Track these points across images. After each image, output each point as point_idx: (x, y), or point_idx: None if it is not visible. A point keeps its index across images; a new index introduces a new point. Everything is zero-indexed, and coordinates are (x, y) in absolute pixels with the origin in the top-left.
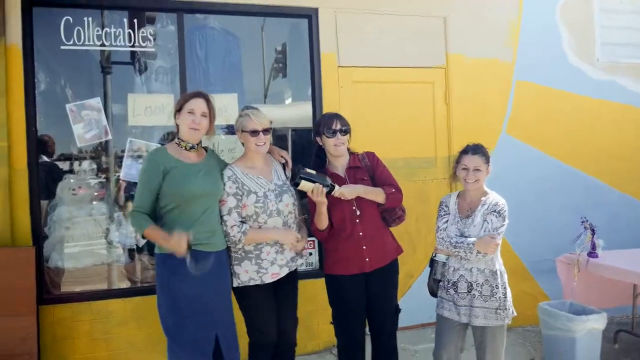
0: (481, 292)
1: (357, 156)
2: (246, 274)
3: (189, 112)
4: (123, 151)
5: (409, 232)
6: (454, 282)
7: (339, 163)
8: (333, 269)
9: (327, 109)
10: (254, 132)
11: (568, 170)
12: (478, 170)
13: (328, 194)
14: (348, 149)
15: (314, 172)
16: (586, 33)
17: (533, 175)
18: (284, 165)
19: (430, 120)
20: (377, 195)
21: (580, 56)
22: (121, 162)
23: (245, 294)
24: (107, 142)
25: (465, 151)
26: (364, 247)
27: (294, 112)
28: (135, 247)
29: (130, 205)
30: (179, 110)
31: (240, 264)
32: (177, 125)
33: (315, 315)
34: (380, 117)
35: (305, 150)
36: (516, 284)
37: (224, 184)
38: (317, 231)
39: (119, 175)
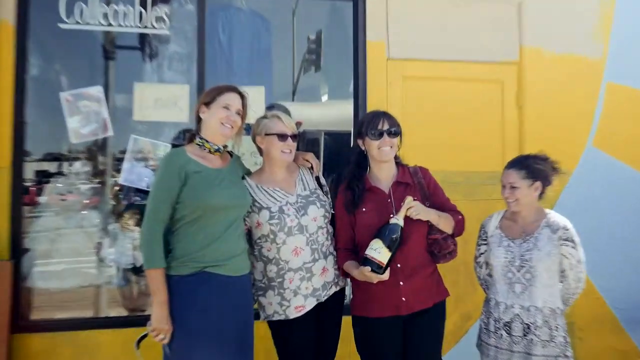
0: (539, 337)
1: (407, 169)
2: (270, 307)
3: (224, 107)
4: (123, 151)
5: (467, 263)
6: (507, 322)
7: (383, 174)
8: (361, 309)
9: (372, 109)
10: (283, 137)
11: None
12: (514, 187)
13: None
14: (396, 158)
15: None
16: None
17: (627, 200)
18: (311, 170)
19: (498, 127)
20: (448, 223)
21: None
22: (120, 164)
23: (273, 329)
24: (105, 139)
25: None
26: (401, 283)
27: (330, 112)
28: (132, 266)
29: (129, 217)
30: (208, 103)
31: (265, 294)
32: (199, 122)
33: None
34: (435, 121)
35: (341, 157)
36: (602, 337)
37: None
38: (340, 269)
39: (116, 180)
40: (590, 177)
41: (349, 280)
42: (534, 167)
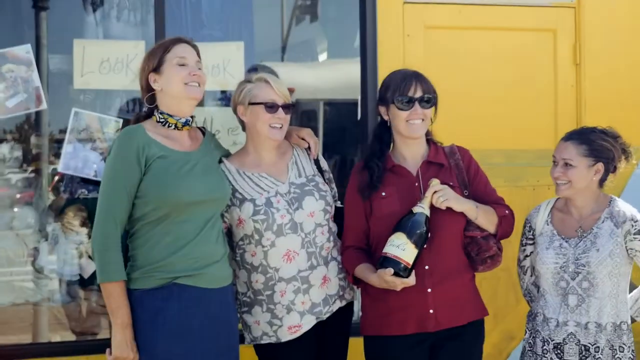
0: None
1: (441, 149)
2: (258, 327)
3: (179, 64)
4: (63, 130)
5: (508, 269)
6: (558, 343)
7: (411, 153)
8: (376, 327)
9: (384, 70)
10: (271, 107)
11: None
12: (569, 165)
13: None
14: (427, 134)
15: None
16: None
17: None
18: (308, 151)
19: (549, 90)
20: (490, 218)
21: None
22: (59, 146)
23: (261, 355)
24: (39, 114)
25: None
26: (429, 290)
27: (330, 76)
28: (78, 278)
29: (73, 215)
30: (156, 68)
31: (251, 311)
32: (154, 95)
33: None
34: (467, 84)
35: (345, 134)
36: None
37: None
38: (350, 274)
39: (55, 168)
40: None
41: (358, 291)
42: (600, 144)
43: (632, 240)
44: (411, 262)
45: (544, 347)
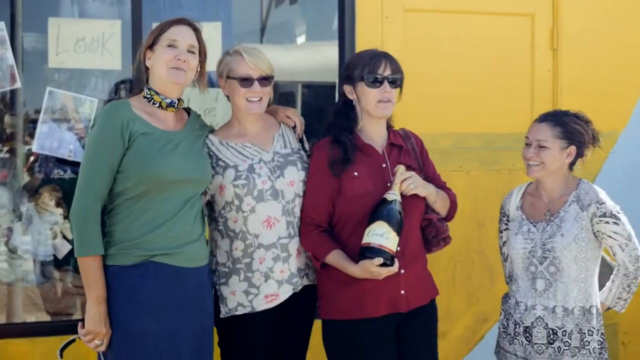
0: (569, 344)
1: (396, 131)
2: (233, 298)
3: (168, 46)
4: (38, 110)
5: (482, 251)
6: (527, 327)
7: (377, 133)
8: (346, 310)
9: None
10: (246, 80)
11: None
12: (543, 147)
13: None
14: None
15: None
16: None
17: None
18: (294, 130)
19: (526, 75)
20: (444, 203)
21: None
22: (34, 126)
23: (227, 329)
24: (13, 93)
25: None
26: (402, 272)
27: (308, 58)
28: (53, 259)
29: (47, 195)
30: (150, 45)
31: (228, 282)
32: (147, 71)
33: None
34: (445, 68)
35: (323, 116)
36: None
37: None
38: (314, 256)
39: (30, 148)
40: None
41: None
42: (573, 127)
43: (599, 223)
44: (395, 250)
45: (516, 330)
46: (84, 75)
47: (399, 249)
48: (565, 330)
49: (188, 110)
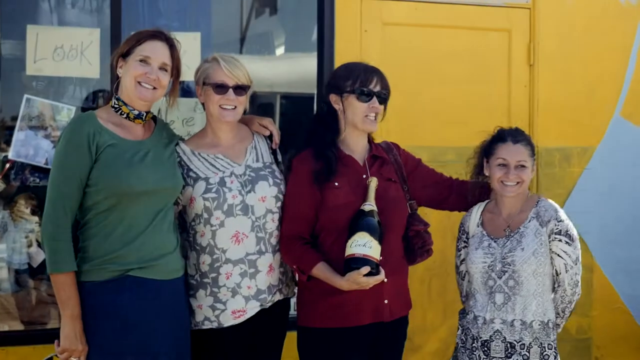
0: (527, 357)
1: (377, 144)
2: (200, 312)
3: (140, 60)
4: (15, 117)
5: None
6: (485, 341)
7: (359, 146)
8: (326, 319)
9: (341, 64)
10: (221, 87)
11: None
12: (523, 167)
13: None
14: None
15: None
16: None
17: None
18: (271, 139)
19: (503, 89)
20: None
21: None
22: (11, 133)
23: (197, 343)
24: None
25: (500, 138)
26: (385, 280)
27: (287, 69)
28: (27, 267)
29: (23, 203)
30: (124, 54)
31: (195, 295)
32: (118, 80)
33: None
34: (422, 81)
35: (301, 127)
36: (626, 357)
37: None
38: (297, 268)
39: (6, 155)
40: (616, 155)
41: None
42: (533, 144)
43: (553, 241)
44: (378, 258)
45: (473, 345)
46: (62, 83)
47: (381, 258)
48: (524, 344)
49: (155, 118)
